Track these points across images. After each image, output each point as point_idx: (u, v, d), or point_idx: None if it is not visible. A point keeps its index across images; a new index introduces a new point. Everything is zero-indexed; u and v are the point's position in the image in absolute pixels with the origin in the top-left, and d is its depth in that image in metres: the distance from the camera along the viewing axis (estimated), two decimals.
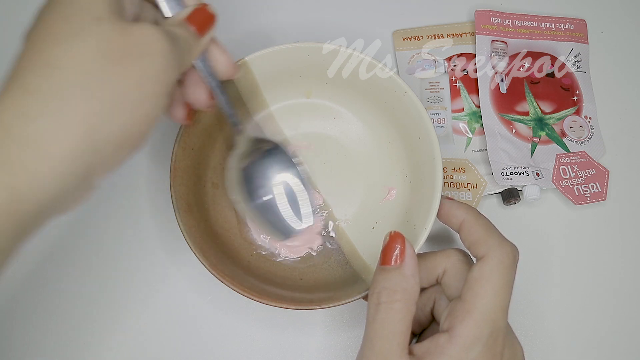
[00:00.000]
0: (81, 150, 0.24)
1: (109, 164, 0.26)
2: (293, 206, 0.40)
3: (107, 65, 0.25)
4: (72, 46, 0.25)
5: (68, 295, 0.42)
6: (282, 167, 0.41)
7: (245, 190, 0.40)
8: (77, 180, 0.25)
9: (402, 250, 0.32)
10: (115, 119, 0.25)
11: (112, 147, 0.25)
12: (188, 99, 0.34)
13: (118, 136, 0.25)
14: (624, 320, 0.43)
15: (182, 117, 0.34)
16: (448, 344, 0.30)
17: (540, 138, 0.47)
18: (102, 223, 0.44)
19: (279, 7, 0.51)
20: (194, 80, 0.33)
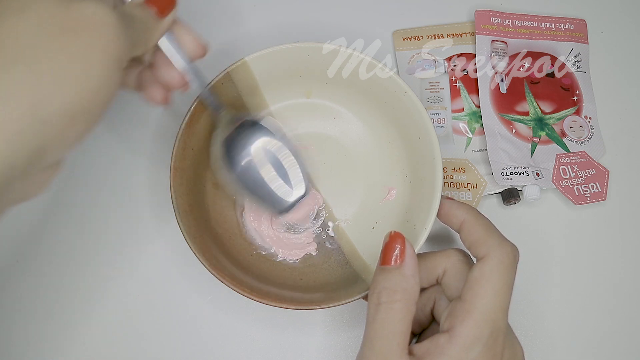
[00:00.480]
0: (27, 125, 0.23)
1: (62, 140, 0.26)
2: (281, 175, 0.39)
3: (49, 38, 0.25)
4: (12, 21, 0.24)
5: (67, 296, 0.42)
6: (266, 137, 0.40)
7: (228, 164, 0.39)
8: (27, 159, 0.24)
9: (402, 250, 0.32)
10: (59, 93, 0.24)
11: (61, 120, 0.25)
12: (162, 81, 0.34)
13: (66, 110, 0.25)
14: (624, 320, 0.43)
15: (158, 99, 0.34)
16: (448, 344, 0.30)
17: (540, 138, 0.47)
18: (102, 223, 0.44)
19: (279, 7, 0.51)
20: (164, 62, 0.33)
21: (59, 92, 0.24)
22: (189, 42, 0.33)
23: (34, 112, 0.24)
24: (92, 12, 0.26)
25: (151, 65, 0.34)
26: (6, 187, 0.24)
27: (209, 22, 0.48)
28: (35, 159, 0.25)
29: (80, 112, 0.26)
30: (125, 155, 0.46)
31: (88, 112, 0.26)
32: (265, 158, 0.39)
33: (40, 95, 0.24)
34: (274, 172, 0.39)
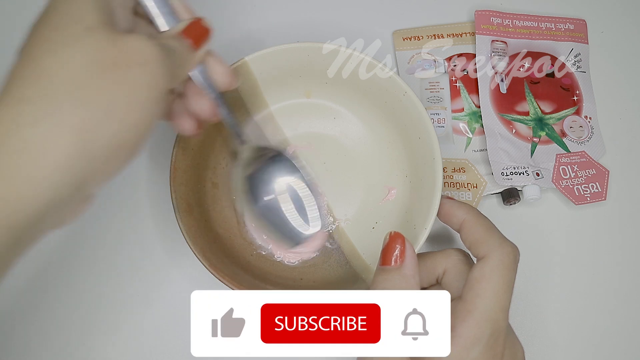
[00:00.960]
0: (74, 158, 0.24)
1: (104, 172, 0.26)
2: (300, 211, 0.40)
3: (98, 73, 0.25)
4: (63, 56, 0.25)
5: (68, 296, 0.42)
6: (287, 172, 0.41)
7: (251, 198, 0.40)
8: (72, 188, 0.25)
9: (402, 250, 0.32)
10: (107, 126, 0.25)
11: (105, 154, 0.25)
12: (192, 111, 0.34)
13: (111, 143, 0.25)
14: (624, 320, 0.43)
15: (190, 128, 0.35)
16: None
17: (540, 138, 0.47)
18: (102, 223, 0.44)
19: (279, 7, 0.51)
20: (195, 92, 0.34)
21: (107, 126, 0.25)
22: (220, 73, 0.34)
23: (83, 144, 0.24)
24: (139, 47, 0.27)
25: (181, 95, 0.34)
26: (49, 215, 0.25)
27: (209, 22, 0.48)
28: (77, 190, 0.25)
29: (124, 146, 0.26)
30: None
31: (131, 145, 0.27)
32: (286, 192, 0.40)
33: (90, 127, 0.24)
34: (293, 208, 0.40)
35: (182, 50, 0.31)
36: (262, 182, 0.40)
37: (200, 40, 0.32)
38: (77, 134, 0.24)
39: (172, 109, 0.34)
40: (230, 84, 0.35)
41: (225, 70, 0.34)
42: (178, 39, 0.31)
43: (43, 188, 0.23)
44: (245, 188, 0.39)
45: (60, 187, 0.24)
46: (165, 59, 0.28)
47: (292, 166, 0.41)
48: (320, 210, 0.41)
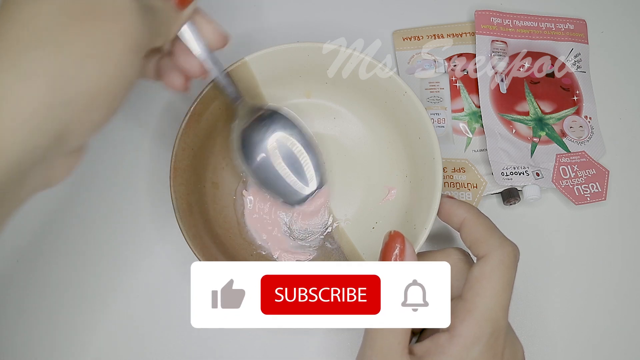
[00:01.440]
0: (49, 105, 0.24)
1: (84, 123, 0.26)
2: (296, 170, 0.41)
3: (73, 21, 0.25)
4: (36, 5, 0.25)
5: (67, 296, 0.42)
6: (283, 130, 0.41)
7: (248, 160, 0.40)
8: (51, 137, 0.24)
9: (402, 249, 0.32)
10: (83, 73, 0.25)
11: (82, 102, 0.25)
12: (181, 69, 0.34)
13: (88, 91, 0.25)
14: (624, 320, 0.43)
15: (178, 84, 0.34)
16: (449, 344, 0.30)
17: (540, 138, 0.47)
18: (102, 223, 0.44)
19: (279, 7, 0.51)
20: (183, 50, 0.33)
21: (81, 74, 0.25)
22: (209, 32, 0.33)
23: (56, 93, 0.24)
24: None
25: (170, 53, 0.34)
26: (29, 170, 0.24)
27: None
28: (56, 142, 0.25)
29: (101, 95, 0.26)
30: (125, 155, 0.46)
31: (108, 95, 0.26)
32: (282, 151, 0.41)
33: (63, 76, 0.24)
34: (290, 166, 0.41)
35: (165, 9, 0.30)
36: (257, 141, 0.40)
37: (186, 1, 0.31)
38: (51, 80, 0.24)
39: (161, 66, 0.34)
40: (220, 43, 0.34)
41: (214, 29, 0.33)
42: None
43: (20, 134, 0.23)
44: (242, 147, 0.39)
45: (38, 135, 0.24)
46: (139, 12, 0.27)
47: (289, 124, 0.41)
48: (317, 167, 0.41)
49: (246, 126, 0.40)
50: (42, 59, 0.24)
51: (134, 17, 0.27)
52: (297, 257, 0.42)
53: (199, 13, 0.33)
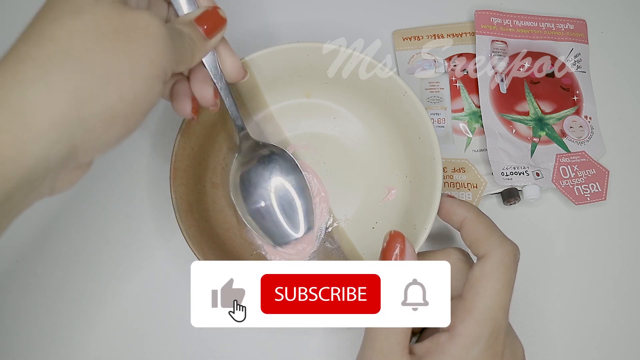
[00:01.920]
0: (67, 121, 0.24)
1: (97, 142, 0.26)
2: (289, 214, 0.41)
3: (100, 41, 0.25)
4: (68, 23, 0.25)
5: (68, 296, 0.42)
6: (283, 173, 0.41)
7: (243, 194, 0.40)
8: (63, 152, 0.25)
9: (402, 249, 0.32)
10: (104, 94, 0.25)
11: (99, 123, 0.26)
12: (195, 95, 0.34)
13: (106, 113, 0.26)
14: (624, 320, 0.43)
15: (188, 112, 0.35)
16: (449, 343, 0.30)
17: (540, 138, 0.47)
18: (102, 223, 0.44)
19: (279, 7, 0.51)
20: (201, 78, 0.34)
21: (103, 94, 0.25)
22: (230, 65, 0.34)
23: (76, 110, 0.24)
24: (145, 22, 0.27)
25: (187, 78, 0.34)
26: (39, 180, 0.25)
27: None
28: (68, 156, 0.25)
29: (120, 117, 0.26)
30: (125, 155, 0.46)
31: (127, 117, 0.27)
32: (278, 194, 0.41)
33: (86, 94, 0.25)
34: (281, 209, 0.41)
35: (193, 36, 0.31)
36: (256, 179, 0.41)
37: (214, 30, 0.32)
38: (73, 97, 0.24)
39: (176, 90, 0.34)
40: (238, 77, 0.35)
41: (235, 63, 0.34)
42: (191, 26, 0.31)
43: (37, 145, 0.24)
44: (239, 183, 0.40)
45: (53, 147, 0.24)
46: (169, 38, 0.28)
47: (289, 167, 0.41)
48: (307, 214, 0.41)
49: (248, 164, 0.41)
50: (67, 75, 0.24)
51: (163, 43, 0.27)
52: (291, 257, 0.42)
53: (223, 43, 0.34)
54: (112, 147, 0.28)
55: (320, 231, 0.43)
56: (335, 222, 0.43)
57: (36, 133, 0.24)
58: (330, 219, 0.43)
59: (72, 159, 0.26)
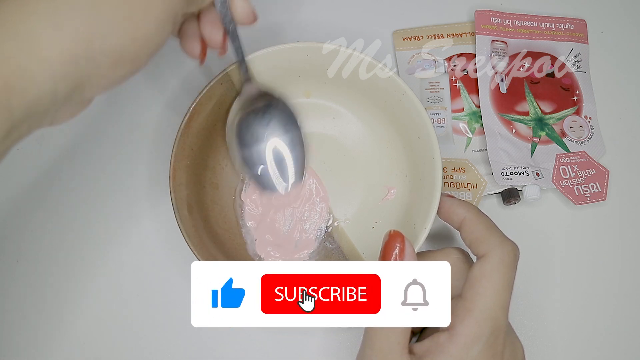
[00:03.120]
0: (76, 56, 0.24)
1: (104, 79, 0.27)
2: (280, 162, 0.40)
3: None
4: None
5: (67, 296, 0.42)
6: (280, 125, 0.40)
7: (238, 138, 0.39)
8: (69, 86, 0.25)
9: (401, 249, 0.32)
10: (114, 32, 0.25)
11: (108, 60, 0.26)
12: (203, 36, 0.34)
13: (115, 52, 0.26)
14: (624, 320, 0.43)
15: (197, 53, 0.34)
16: (448, 343, 0.30)
17: (540, 138, 0.47)
18: (102, 224, 0.44)
19: (279, 7, 0.51)
20: (211, 19, 0.33)
21: (114, 33, 0.25)
22: (240, 7, 0.34)
23: (86, 47, 0.25)
24: None
25: (197, 18, 0.34)
26: (44, 112, 0.25)
27: None
28: (73, 91, 0.26)
29: (128, 57, 0.26)
30: (125, 155, 0.46)
31: (134, 57, 0.27)
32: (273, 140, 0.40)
33: (96, 32, 0.25)
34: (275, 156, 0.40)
35: None
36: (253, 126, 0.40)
37: None
38: (82, 33, 0.24)
39: (185, 29, 0.34)
40: (249, 20, 0.34)
41: (246, 5, 0.34)
42: None
43: (41, 79, 0.24)
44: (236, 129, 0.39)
45: (61, 81, 0.24)
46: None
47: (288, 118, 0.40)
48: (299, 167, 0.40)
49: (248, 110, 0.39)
50: (78, 10, 0.24)
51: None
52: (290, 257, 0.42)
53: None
54: (117, 85, 0.28)
55: (320, 231, 0.43)
56: (335, 222, 0.43)
57: (45, 66, 0.24)
58: (330, 218, 0.43)
59: (77, 94, 0.26)
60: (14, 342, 0.41)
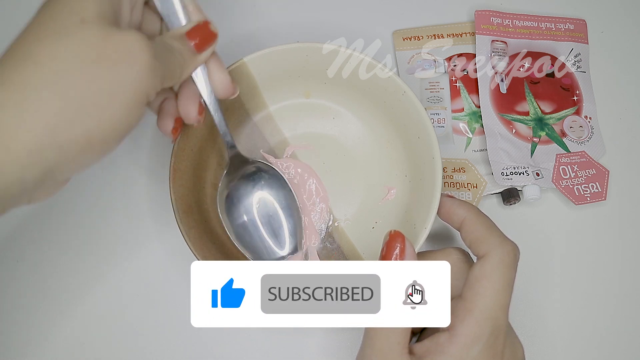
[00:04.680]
0: (42, 146, 0.24)
1: (73, 164, 0.26)
2: (275, 231, 0.41)
3: (82, 67, 0.25)
4: (52, 46, 0.25)
5: (67, 297, 0.42)
6: (270, 190, 0.41)
7: (229, 211, 0.40)
8: (39, 173, 0.25)
9: (402, 249, 0.32)
10: (81, 121, 0.25)
11: (76, 148, 0.25)
12: (180, 111, 0.34)
13: (83, 138, 0.26)
14: (624, 320, 0.43)
15: (168, 131, 0.34)
16: (448, 343, 0.30)
17: (540, 138, 0.47)
18: (102, 225, 0.44)
19: (279, 7, 0.51)
20: (187, 94, 0.33)
21: (80, 121, 0.25)
22: (219, 81, 0.34)
23: (52, 136, 0.24)
24: (131, 46, 0.27)
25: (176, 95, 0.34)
26: (15, 196, 0.25)
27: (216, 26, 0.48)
28: (44, 177, 0.25)
29: (96, 143, 0.26)
30: (125, 156, 0.46)
31: (104, 142, 0.27)
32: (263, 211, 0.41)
33: (62, 120, 0.25)
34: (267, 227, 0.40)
35: (183, 51, 0.31)
36: (242, 195, 0.40)
37: (204, 44, 0.32)
38: (47, 123, 0.24)
39: (163, 107, 0.34)
40: (228, 93, 0.34)
41: (225, 78, 0.34)
42: (181, 40, 0.31)
43: (9, 170, 0.24)
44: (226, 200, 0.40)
45: (28, 170, 0.24)
46: (155, 61, 0.27)
47: (279, 183, 0.41)
48: (293, 232, 0.41)
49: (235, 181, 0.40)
50: (44, 100, 0.24)
51: (147, 68, 0.27)
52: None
53: (214, 57, 0.33)
54: (88, 167, 0.28)
55: (320, 231, 0.43)
56: (335, 222, 0.43)
57: (11, 157, 0.24)
58: (330, 219, 0.43)
59: (48, 179, 0.26)
60: (14, 342, 0.41)
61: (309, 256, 0.42)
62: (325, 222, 0.43)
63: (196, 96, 0.33)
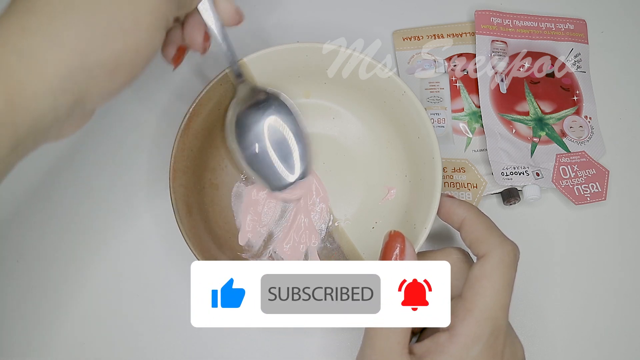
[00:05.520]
0: (74, 69, 0.25)
1: (102, 89, 0.27)
2: (284, 157, 0.41)
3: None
4: None
5: (67, 297, 0.42)
6: (278, 117, 0.41)
7: (239, 139, 0.40)
8: (69, 100, 0.26)
9: (402, 249, 0.32)
10: (109, 43, 0.26)
11: (104, 71, 0.27)
12: (185, 40, 0.35)
13: (110, 62, 0.27)
14: (624, 320, 0.43)
15: (170, 56, 0.35)
16: (449, 343, 0.30)
17: (540, 138, 0.47)
18: (102, 225, 0.44)
19: (279, 7, 0.51)
20: (193, 22, 0.34)
21: (108, 44, 0.26)
22: (226, 8, 0.34)
23: (82, 61, 0.26)
24: None
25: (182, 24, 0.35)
26: (47, 128, 0.26)
27: None
28: (75, 104, 0.26)
29: (123, 66, 0.27)
30: (125, 156, 0.46)
31: (130, 66, 0.28)
32: (273, 136, 0.41)
33: (90, 44, 0.26)
34: (278, 152, 0.41)
35: None
36: (251, 124, 0.40)
37: None
38: (78, 47, 0.25)
39: (170, 35, 0.35)
40: (233, 21, 0.35)
41: (230, 6, 0.34)
42: None
43: (42, 94, 0.25)
44: (235, 128, 0.40)
45: (59, 96, 0.25)
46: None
47: (285, 111, 0.41)
48: (303, 157, 0.41)
49: (244, 108, 0.40)
50: (72, 25, 0.25)
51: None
52: (292, 254, 0.42)
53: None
54: (116, 94, 0.28)
55: (320, 231, 0.43)
56: (335, 222, 0.43)
57: (44, 83, 0.25)
58: (330, 219, 0.43)
59: (78, 107, 0.27)
60: (14, 342, 0.41)
61: (309, 256, 0.42)
62: (325, 222, 0.43)
63: (201, 25, 0.34)
